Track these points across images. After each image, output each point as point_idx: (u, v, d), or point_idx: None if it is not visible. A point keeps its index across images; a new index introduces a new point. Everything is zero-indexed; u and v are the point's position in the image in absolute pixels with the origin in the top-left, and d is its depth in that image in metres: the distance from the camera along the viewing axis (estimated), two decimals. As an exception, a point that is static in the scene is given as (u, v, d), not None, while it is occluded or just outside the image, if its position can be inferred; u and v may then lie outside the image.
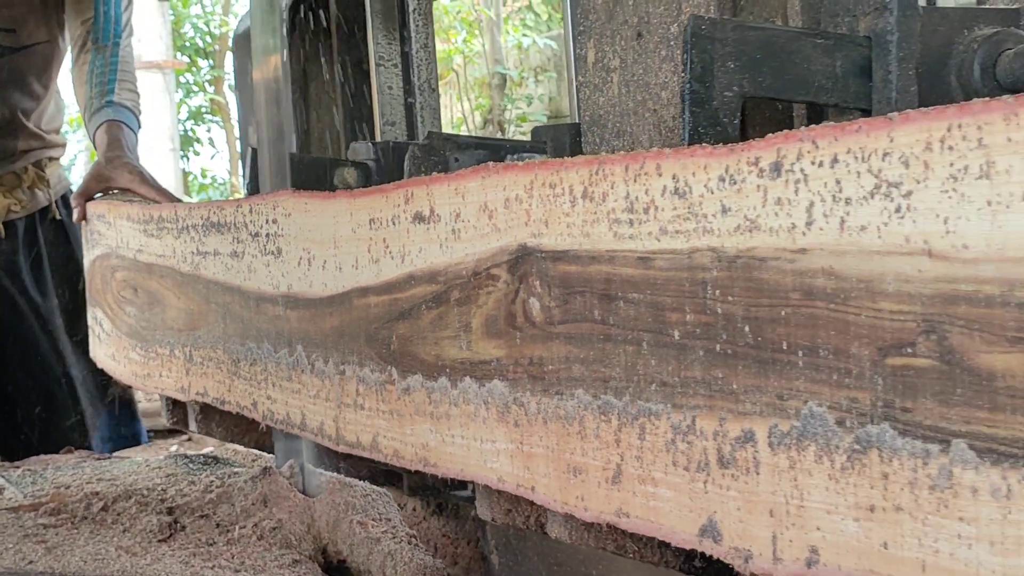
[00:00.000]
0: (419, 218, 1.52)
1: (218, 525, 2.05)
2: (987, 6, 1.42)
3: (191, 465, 2.41)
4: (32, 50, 3.16)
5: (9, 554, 1.96)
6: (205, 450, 3.82)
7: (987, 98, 0.87)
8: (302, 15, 2.59)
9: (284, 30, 2.48)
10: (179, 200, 2.62)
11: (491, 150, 1.91)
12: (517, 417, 1.37)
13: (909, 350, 0.94)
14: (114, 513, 2.11)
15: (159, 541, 2.00)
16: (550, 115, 12.72)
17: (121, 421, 3.42)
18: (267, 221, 1.90)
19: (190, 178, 16.04)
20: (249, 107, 2.73)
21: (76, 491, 2.21)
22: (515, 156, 1.87)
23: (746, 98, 1.34)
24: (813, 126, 1.01)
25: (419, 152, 1.86)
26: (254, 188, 2.28)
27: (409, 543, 2.00)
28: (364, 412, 1.67)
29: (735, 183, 1.07)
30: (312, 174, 2.28)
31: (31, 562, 1.94)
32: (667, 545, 1.37)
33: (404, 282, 1.56)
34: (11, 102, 3.17)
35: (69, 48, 3.23)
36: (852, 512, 0.99)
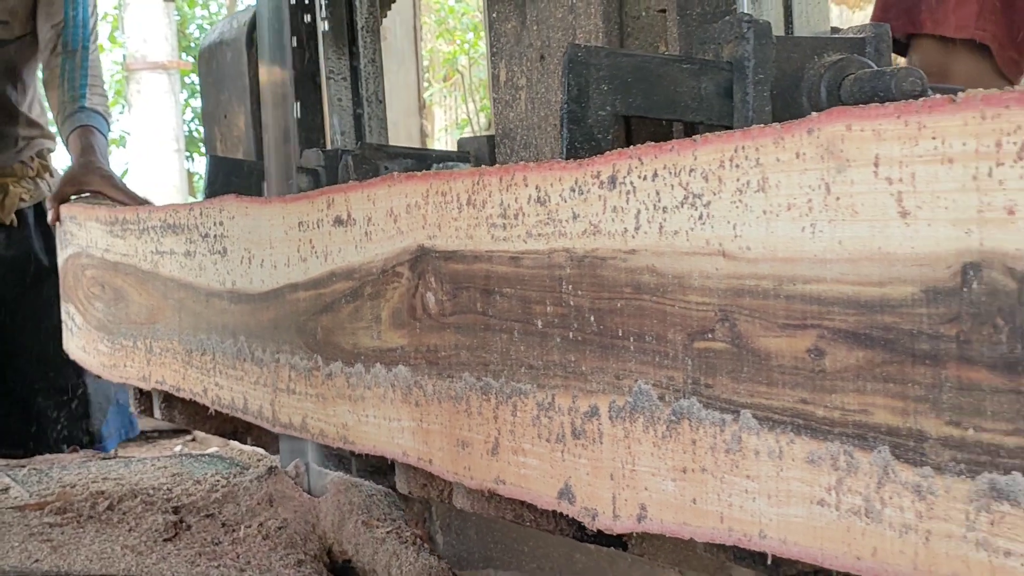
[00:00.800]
0: (339, 221, 1.68)
1: (223, 524, 2.04)
2: (836, 35, 1.57)
3: (196, 465, 2.45)
4: (23, 41, 3.32)
5: (15, 553, 1.95)
6: (210, 450, 3.90)
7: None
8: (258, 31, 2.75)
9: (292, 39, 2.60)
10: (147, 202, 2.78)
11: (419, 159, 2.07)
12: (417, 398, 1.54)
13: (709, 335, 1.10)
14: (120, 512, 2.11)
15: (165, 540, 2.00)
16: (555, 115, 12.88)
17: (123, 413, 3.58)
18: (215, 223, 2.06)
19: (195, 179, 16.16)
20: (212, 118, 2.89)
21: (82, 490, 2.21)
22: (440, 165, 2.04)
23: (618, 116, 1.50)
24: (640, 145, 1.18)
25: (352, 161, 2.03)
26: (211, 193, 2.44)
27: (414, 544, 2.00)
28: (295, 396, 1.84)
29: (582, 193, 1.24)
30: (264, 179, 2.44)
31: (37, 561, 1.93)
32: (562, 515, 1.54)
33: (327, 279, 1.72)
34: (7, 92, 3.33)
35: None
36: (670, 474, 1.16)
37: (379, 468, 2.26)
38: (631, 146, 1.19)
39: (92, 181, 2.84)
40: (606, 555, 2.00)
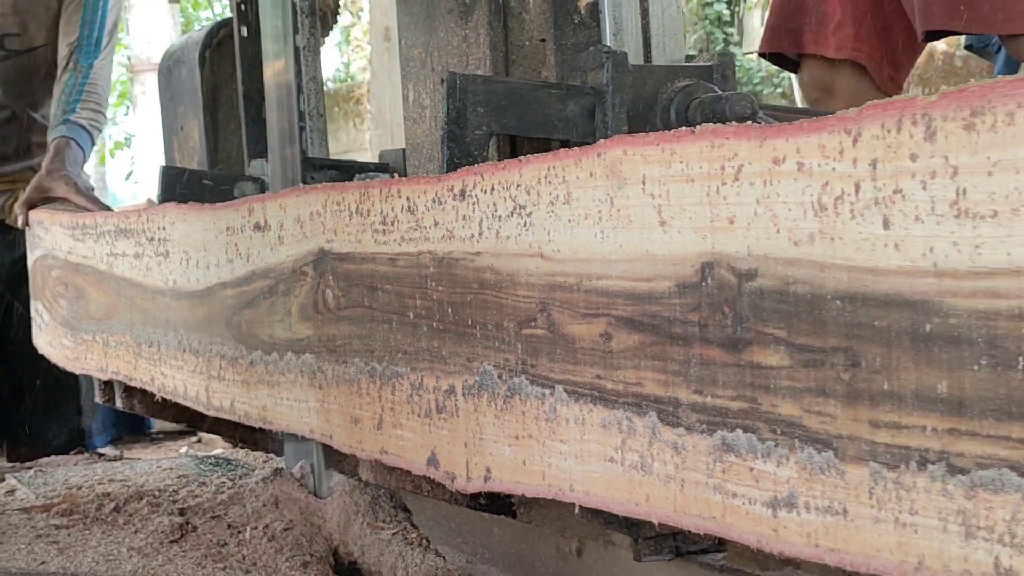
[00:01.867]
0: (258, 227, 1.88)
1: (229, 526, 2.03)
2: (688, 64, 1.77)
3: (202, 466, 2.43)
4: (35, 52, 3.52)
5: (22, 554, 1.94)
6: (215, 451, 3.92)
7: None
8: (212, 47, 2.95)
9: (295, 40, 2.71)
10: (108, 208, 2.98)
11: (342, 170, 2.27)
12: (320, 382, 1.74)
13: (533, 323, 1.30)
14: (126, 514, 2.10)
15: (171, 542, 1.99)
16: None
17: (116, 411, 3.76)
18: (158, 228, 2.26)
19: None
20: (171, 130, 3.09)
21: (88, 492, 2.20)
22: (361, 175, 2.24)
23: (492, 135, 1.70)
24: (484, 163, 1.38)
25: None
26: (163, 201, 2.64)
27: (420, 545, 1.99)
28: (225, 382, 2.04)
29: (441, 204, 1.44)
30: (214, 188, 2.64)
31: (43, 562, 1.92)
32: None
33: (249, 277, 1.93)
34: (21, 100, 3.53)
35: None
36: (507, 440, 1.36)
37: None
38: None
39: (57, 188, 3.03)
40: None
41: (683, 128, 1.09)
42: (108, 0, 3.40)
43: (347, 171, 2.25)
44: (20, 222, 3.08)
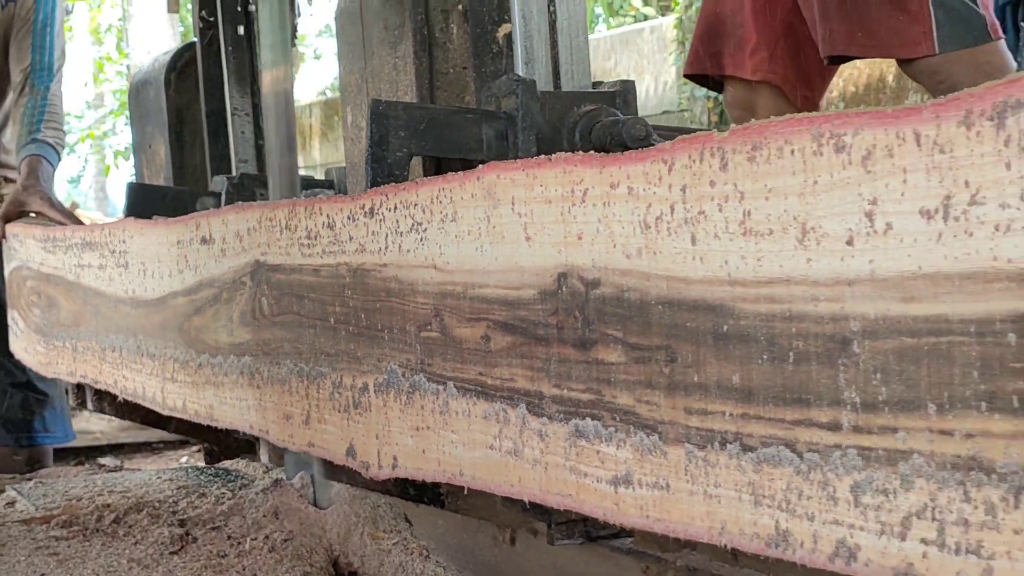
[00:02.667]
0: (204, 240, 2.03)
1: (229, 537, 2.02)
2: (593, 90, 1.93)
3: (202, 477, 2.41)
4: None
5: (21, 566, 1.93)
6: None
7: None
8: (177, 70, 3.10)
9: (292, 49, 2.80)
10: (79, 222, 3.12)
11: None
12: (258, 382, 1.89)
13: (429, 327, 1.45)
14: (126, 525, 2.09)
15: (171, 553, 1.98)
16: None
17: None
18: (119, 241, 2.41)
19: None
20: (140, 148, 3.23)
21: (88, 503, 2.19)
22: (307, 191, 2.39)
23: (412, 157, 1.85)
24: (389, 184, 1.53)
25: (231, 188, 2.38)
26: (128, 216, 2.78)
27: (420, 555, 1.98)
28: (177, 384, 2.18)
29: (354, 220, 1.59)
30: (178, 203, 2.78)
31: (43, 574, 1.91)
32: (390, 479, 1.88)
33: (197, 287, 2.07)
34: None
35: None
36: (410, 432, 1.51)
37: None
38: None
39: (33, 203, 3.18)
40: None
41: (542, 156, 1.24)
42: (55, 26, 3.54)
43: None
44: (-3, 235, 3.23)
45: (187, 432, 3.13)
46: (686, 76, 2.75)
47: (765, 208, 0.99)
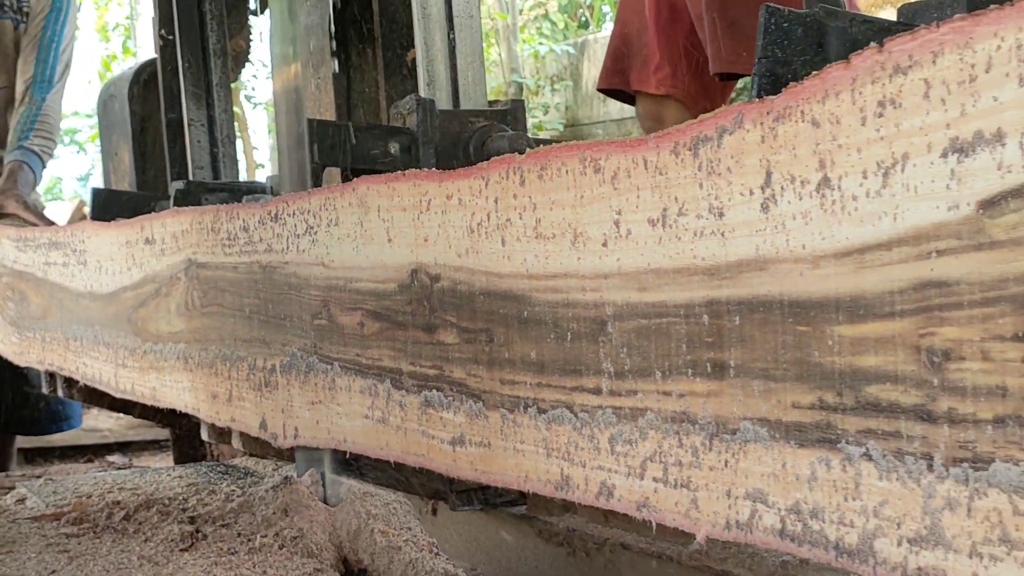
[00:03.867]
0: (148, 241, 2.25)
1: (240, 534, 2.02)
2: (487, 108, 2.14)
3: (212, 475, 2.41)
4: (5, 92, 3.87)
5: (32, 563, 1.93)
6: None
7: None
8: (140, 84, 3.32)
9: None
10: (52, 223, 3.34)
11: (231, 192, 2.64)
12: (191, 366, 2.11)
13: (320, 316, 1.67)
14: (136, 522, 2.10)
15: (181, 550, 1.98)
16: (567, 123, 12.12)
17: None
18: (79, 241, 2.63)
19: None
20: (107, 155, 3.45)
21: (98, 500, 2.19)
22: (248, 197, 2.60)
23: (326, 168, 2.07)
24: (291, 193, 1.75)
25: (179, 194, 2.59)
26: (95, 218, 2.99)
27: (430, 551, 1.98)
28: (127, 369, 2.40)
29: (263, 224, 1.81)
30: (138, 206, 3.00)
31: (54, 571, 1.91)
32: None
33: (142, 282, 2.29)
34: None
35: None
36: (307, 406, 1.73)
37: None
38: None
39: (9, 205, 3.40)
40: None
41: (399, 171, 1.46)
42: (61, 42, 3.76)
43: (236, 193, 2.61)
44: (-25, 236, 3.44)
45: (151, 417, 3.34)
46: (599, 90, 2.97)
47: (550, 216, 1.21)
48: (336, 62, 2.22)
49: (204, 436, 2.35)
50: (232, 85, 3.25)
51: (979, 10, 0.81)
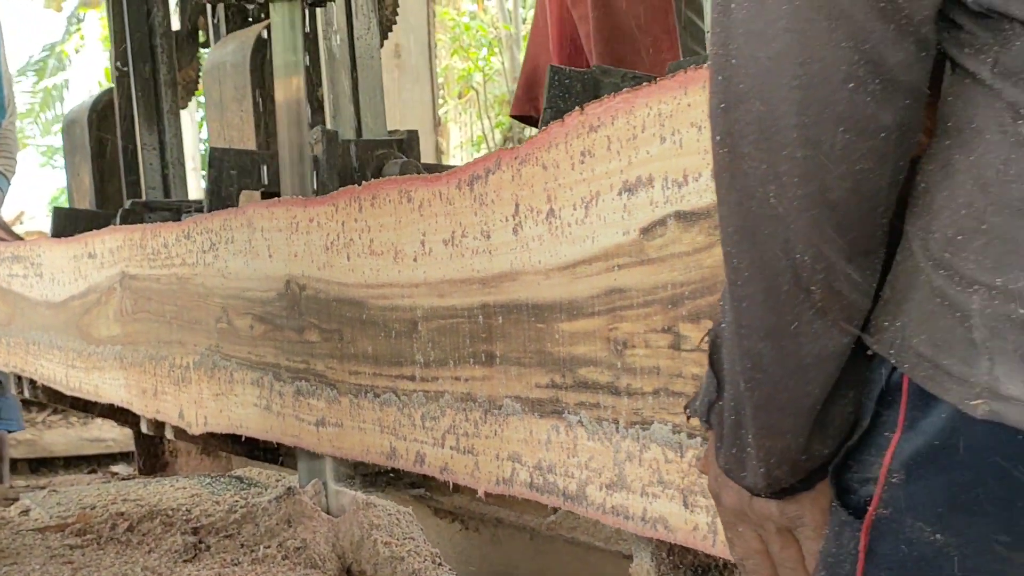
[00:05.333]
0: (90, 255, 2.50)
1: (243, 545, 2.01)
2: (387, 137, 2.39)
3: (215, 485, 2.38)
4: None
5: (36, 574, 1.93)
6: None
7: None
8: (99, 111, 3.56)
9: (305, 58, 2.87)
10: (19, 238, 3.58)
11: (172, 211, 2.89)
12: (125, 365, 2.36)
13: (220, 320, 1.92)
14: (139, 533, 2.09)
15: (184, 561, 1.97)
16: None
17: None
18: (36, 255, 2.87)
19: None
20: (71, 174, 3.69)
21: (101, 511, 2.18)
22: (187, 214, 2.84)
23: (243, 191, 2.32)
24: (199, 215, 2.00)
25: (124, 214, 2.84)
26: (54, 235, 3.23)
27: (433, 562, 1.95)
28: (76, 369, 2.65)
29: (179, 241, 2.06)
30: (95, 224, 3.24)
31: None
32: (255, 444, 2.33)
33: (86, 292, 2.54)
34: None
35: None
36: (212, 397, 1.98)
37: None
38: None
39: None
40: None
41: (276, 198, 1.72)
42: (2, 66, 3.97)
43: (177, 211, 2.86)
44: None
45: (109, 416, 3.58)
46: (512, 116, 3.22)
47: (380, 237, 1.46)
48: (255, 96, 2.47)
49: (143, 429, 2.60)
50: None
51: (639, 86, 1.06)
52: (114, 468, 5.23)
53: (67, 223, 3.07)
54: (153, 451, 4.33)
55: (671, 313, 1.04)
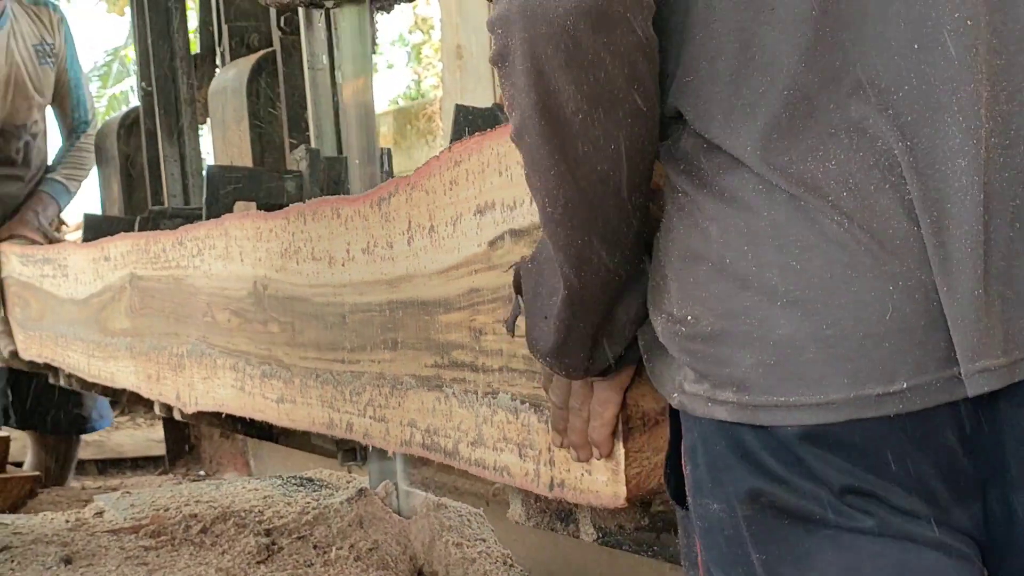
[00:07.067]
0: (105, 259, 2.82)
1: (315, 546, 2.01)
2: (363, 155, 2.68)
3: (287, 487, 2.41)
4: (45, 132, 4.34)
5: None
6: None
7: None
8: (126, 126, 3.89)
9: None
10: (58, 241, 3.91)
11: (186, 218, 3.20)
12: (134, 354, 2.67)
13: (206, 315, 2.23)
14: (213, 535, 2.09)
15: (258, 562, 1.97)
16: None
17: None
18: (63, 258, 3.20)
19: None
20: (103, 186, 4.03)
21: (175, 513, 2.20)
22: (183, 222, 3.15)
23: (236, 202, 2.62)
24: (193, 224, 2.31)
25: (142, 221, 3.16)
26: (84, 239, 3.55)
27: (504, 563, 1.95)
28: (96, 359, 2.97)
29: (176, 247, 2.36)
30: (120, 230, 3.56)
31: None
32: (248, 423, 2.64)
33: (103, 291, 2.86)
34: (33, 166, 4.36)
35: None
36: (201, 381, 2.28)
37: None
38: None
39: (20, 229, 3.97)
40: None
41: (247, 212, 2.02)
42: (81, 76, 4.27)
43: (188, 219, 3.17)
44: (-9, 252, 4.02)
45: (137, 404, 3.89)
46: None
47: (319, 246, 1.76)
48: (250, 118, 2.78)
49: (156, 411, 2.91)
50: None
51: (491, 129, 1.35)
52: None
53: (96, 228, 3.39)
54: (180, 436, 4.66)
55: (508, 307, 1.33)
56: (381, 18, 2.56)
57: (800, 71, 0.88)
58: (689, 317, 0.92)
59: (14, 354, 3.82)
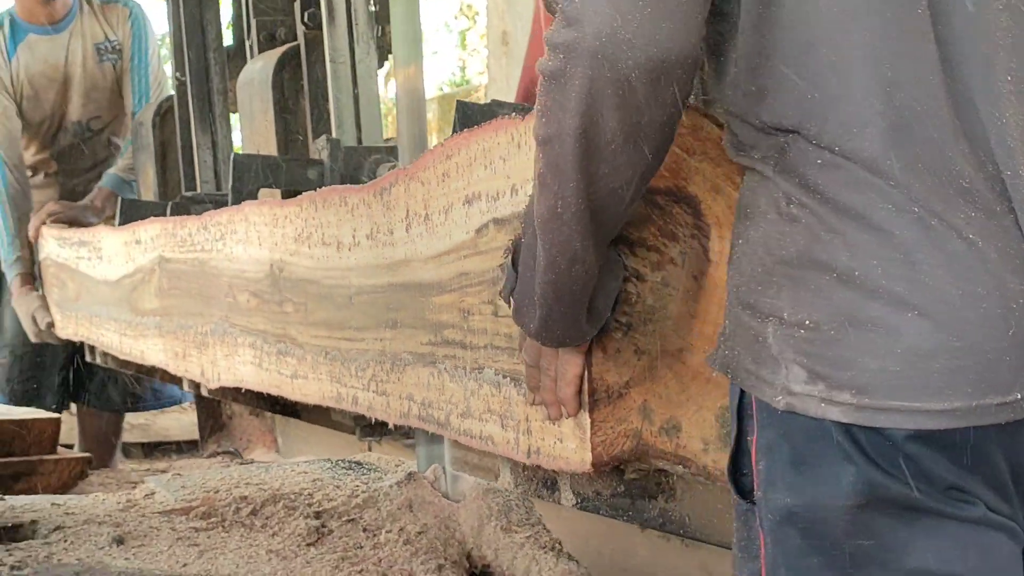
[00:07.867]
0: (137, 242, 2.95)
1: (364, 529, 2.03)
2: (382, 144, 2.81)
3: (336, 470, 2.40)
4: (110, 126, 4.45)
5: (163, 557, 1.96)
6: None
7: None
8: (161, 115, 4.03)
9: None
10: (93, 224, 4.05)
11: (215, 203, 3.33)
12: (163, 332, 2.80)
13: (228, 296, 2.36)
14: (263, 517, 2.10)
15: (307, 545, 1.99)
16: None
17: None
18: (98, 241, 3.34)
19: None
20: (138, 172, 4.16)
21: (225, 495, 2.21)
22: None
23: (261, 188, 2.75)
24: (219, 209, 2.43)
25: (174, 206, 3.29)
26: (122, 222, 3.69)
27: (553, 549, 1.95)
28: (127, 337, 3.11)
29: (201, 232, 2.49)
30: (154, 214, 3.69)
31: (185, 564, 1.92)
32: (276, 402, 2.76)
33: (134, 272, 3.00)
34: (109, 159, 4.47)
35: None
36: (224, 358, 2.41)
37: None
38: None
39: (86, 221, 4.04)
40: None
41: (265, 199, 2.14)
42: (148, 65, 4.38)
43: (217, 204, 3.30)
44: (32, 235, 4.15)
45: (170, 380, 4.03)
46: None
47: (328, 231, 1.88)
48: (276, 110, 2.90)
49: (184, 387, 3.05)
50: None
51: (479, 125, 1.47)
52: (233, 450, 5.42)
53: (130, 212, 3.53)
54: (212, 413, 4.79)
55: (492, 290, 1.44)
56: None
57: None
58: (808, 322, 0.98)
59: (50, 325, 3.94)
